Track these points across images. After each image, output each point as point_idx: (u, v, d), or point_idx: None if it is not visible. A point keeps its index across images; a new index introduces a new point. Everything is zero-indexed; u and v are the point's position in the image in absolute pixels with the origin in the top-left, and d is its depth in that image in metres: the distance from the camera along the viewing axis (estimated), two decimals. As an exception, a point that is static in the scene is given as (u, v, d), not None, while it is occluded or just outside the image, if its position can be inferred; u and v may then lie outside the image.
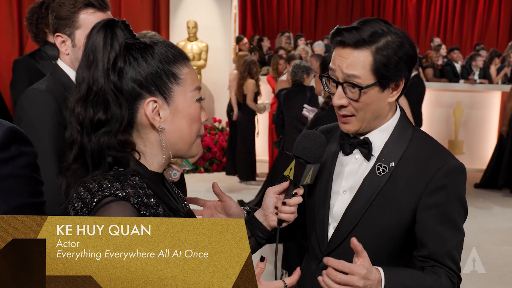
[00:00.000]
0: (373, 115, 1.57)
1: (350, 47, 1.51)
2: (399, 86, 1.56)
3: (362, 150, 1.61)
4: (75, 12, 2.05)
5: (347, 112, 1.57)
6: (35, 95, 2.05)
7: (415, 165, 1.57)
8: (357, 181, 1.61)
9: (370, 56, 1.50)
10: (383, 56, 1.50)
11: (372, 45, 1.50)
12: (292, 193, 1.52)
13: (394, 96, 1.57)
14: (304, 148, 1.51)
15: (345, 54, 1.52)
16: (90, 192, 1.19)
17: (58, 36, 2.09)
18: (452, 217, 1.55)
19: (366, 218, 1.57)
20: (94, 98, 1.23)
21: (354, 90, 1.52)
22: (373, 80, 1.51)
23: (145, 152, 1.31)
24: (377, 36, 1.50)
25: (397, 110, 1.65)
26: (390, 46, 1.50)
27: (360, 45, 1.50)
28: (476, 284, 4.55)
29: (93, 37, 1.25)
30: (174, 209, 1.33)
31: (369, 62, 1.50)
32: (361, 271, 1.40)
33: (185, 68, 1.31)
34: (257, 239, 1.54)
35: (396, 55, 1.51)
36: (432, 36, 14.43)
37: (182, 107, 1.30)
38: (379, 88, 1.53)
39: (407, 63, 1.54)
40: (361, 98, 1.53)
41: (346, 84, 1.53)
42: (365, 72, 1.51)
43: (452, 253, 1.54)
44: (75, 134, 1.26)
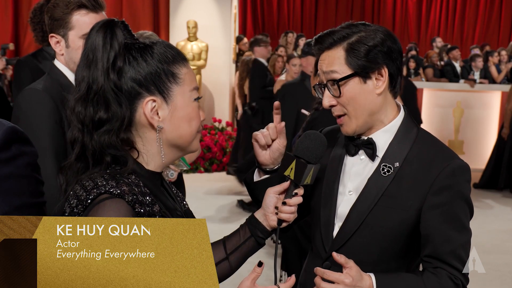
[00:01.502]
0: (364, 110, 1.58)
1: (326, 50, 1.59)
2: (382, 75, 1.57)
3: (366, 150, 1.62)
4: (68, 13, 2.07)
5: (339, 111, 1.60)
6: (32, 94, 2.06)
7: (420, 165, 1.57)
8: (362, 182, 1.62)
9: (342, 51, 1.56)
10: (355, 48, 1.55)
11: (344, 42, 1.56)
12: (293, 193, 1.52)
13: (380, 87, 1.57)
14: (306, 148, 1.52)
15: (323, 57, 1.61)
16: (85, 189, 1.20)
17: (52, 37, 2.11)
18: (457, 216, 1.55)
19: (370, 218, 1.58)
20: (94, 97, 1.24)
21: (335, 86, 1.57)
22: (350, 72, 1.55)
23: (143, 151, 1.31)
24: (349, 34, 1.57)
25: (401, 110, 1.66)
26: (363, 39, 1.55)
27: (333, 45, 1.57)
28: (476, 284, 4.55)
29: (92, 36, 1.26)
30: (170, 208, 1.34)
31: (343, 56, 1.56)
32: (346, 280, 1.45)
33: (184, 68, 1.33)
34: (257, 239, 1.54)
35: (368, 45, 1.55)
36: (432, 36, 14.43)
37: (180, 106, 1.31)
38: (359, 79, 1.56)
39: (387, 54, 1.56)
40: (343, 92, 1.56)
41: (329, 83, 1.58)
42: (341, 66, 1.56)
43: (457, 251, 1.54)
44: (77, 133, 1.27)
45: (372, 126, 1.62)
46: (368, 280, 1.49)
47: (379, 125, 1.62)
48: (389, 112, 1.63)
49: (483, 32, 15.99)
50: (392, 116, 1.63)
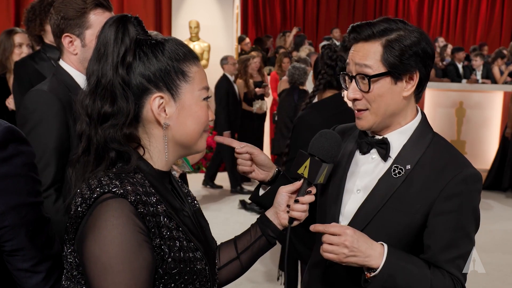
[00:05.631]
0: (387, 109, 1.56)
1: (362, 41, 1.56)
2: (413, 79, 1.56)
3: (379, 150, 1.61)
4: (85, 12, 2.07)
5: (361, 106, 1.58)
6: (39, 95, 2.06)
7: (432, 170, 1.55)
8: (372, 181, 1.61)
9: (380, 47, 1.53)
10: (393, 47, 1.52)
11: (383, 38, 1.53)
12: (305, 191, 1.52)
13: (408, 90, 1.56)
14: (321, 147, 1.51)
15: (357, 48, 1.57)
16: (90, 188, 1.21)
17: (66, 37, 2.10)
18: (463, 225, 1.53)
19: (377, 219, 1.57)
20: (102, 91, 1.25)
21: (365, 81, 1.54)
22: (384, 70, 1.53)
23: (150, 148, 1.31)
24: (389, 30, 1.54)
25: (418, 114, 1.65)
26: (402, 39, 1.53)
27: (371, 38, 1.54)
28: (478, 284, 4.54)
29: (105, 31, 1.27)
30: (177, 208, 1.33)
31: (379, 53, 1.53)
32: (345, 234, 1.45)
33: (194, 67, 1.33)
34: (268, 238, 1.53)
35: (407, 47, 1.52)
36: (434, 36, 14.41)
37: (188, 104, 1.31)
38: (390, 79, 1.54)
39: (422, 58, 1.55)
40: (372, 89, 1.54)
41: (358, 76, 1.55)
42: (376, 62, 1.53)
43: (457, 261, 1.52)
44: (84, 126, 1.28)
45: (388, 126, 1.61)
46: (379, 247, 1.48)
47: (395, 126, 1.61)
48: (408, 114, 1.62)
49: (485, 32, 15.97)
50: (410, 118, 1.62)
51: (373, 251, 1.46)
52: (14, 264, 1.30)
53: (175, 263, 1.23)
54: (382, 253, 1.47)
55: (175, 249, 1.24)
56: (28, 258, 1.30)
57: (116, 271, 1.14)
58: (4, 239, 1.26)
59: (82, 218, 1.20)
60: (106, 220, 1.16)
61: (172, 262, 1.23)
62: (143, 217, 1.19)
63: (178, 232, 1.27)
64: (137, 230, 1.17)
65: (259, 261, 1.58)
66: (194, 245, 1.30)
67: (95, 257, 1.15)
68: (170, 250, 1.23)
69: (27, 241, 1.29)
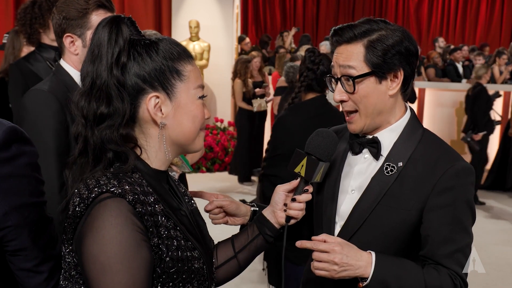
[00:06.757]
0: (374, 109, 1.58)
1: (344, 43, 1.58)
2: (397, 77, 1.57)
3: (371, 149, 1.62)
4: (87, 13, 2.07)
5: (349, 107, 1.60)
6: (38, 95, 2.06)
7: (424, 165, 1.57)
8: (365, 181, 1.62)
9: (362, 48, 1.55)
10: (376, 47, 1.54)
11: (364, 39, 1.55)
12: (302, 190, 1.53)
13: (394, 89, 1.58)
14: (317, 146, 1.53)
15: (340, 50, 1.59)
16: (87, 188, 1.21)
17: (68, 37, 2.10)
18: (458, 219, 1.54)
19: (373, 217, 1.58)
20: (97, 92, 1.25)
21: (350, 82, 1.56)
22: (367, 70, 1.55)
23: (147, 148, 1.32)
24: (371, 31, 1.56)
25: (407, 111, 1.66)
26: (384, 38, 1.55)
27: (353, 40, 1.57)
28: (478, 284, 4.55)
29: (99, 32, 1.27)
30: (174, 208, 1.34)
31: (362, 53, 1.55)
32: (335, 247, 1.47)
33: (189, 66, 1.33)
34: (265, 237, 1.54)
35: (389, 46, 1.54)
36: (434, 36, 14.42)
37: (184, 103, 1.31)
38: (375, 79, 1.56)
39: (406, 56, 1.56)
40: (357, 89, 1.56)
41: (343, 78, 1.58)
42: (359, 63, 1.55)
43: (456, 255, 1.53)
44: (80, 127, 1.28)
45: (379, 126, 1.62)
46: (367, 256, 1.49)
47: (385, 125, 1.63)
48: (397, 112, 1.63)
49: (485, 33, 15.96)
50: (399, 116, 1.63)
51: (362, 262, 1.48)
52: (17, 264, 1.30)
53: (173, 262, 1.24)
54: (370, 262, 1.48)
55: (173, 248, 1.24)
56: (30, 258, 1.30)
57: (115, 270, 1.14)
58: (7, 239, 1.26)
59: (81, 217, 1.20)
60: (104, 219, 1.16)
61: (170, 261, 1.23)
62: (141, 217, 1.19)
63: (176, 231, 1.27)
64: (135, 230, 1.17)
65: (256, 260, 1.58)
66: (191, 244, 1.30)
67: (94, 257, 1.15)
68: (168, 249, 1.23)
69: (29, 241, 1.29)
